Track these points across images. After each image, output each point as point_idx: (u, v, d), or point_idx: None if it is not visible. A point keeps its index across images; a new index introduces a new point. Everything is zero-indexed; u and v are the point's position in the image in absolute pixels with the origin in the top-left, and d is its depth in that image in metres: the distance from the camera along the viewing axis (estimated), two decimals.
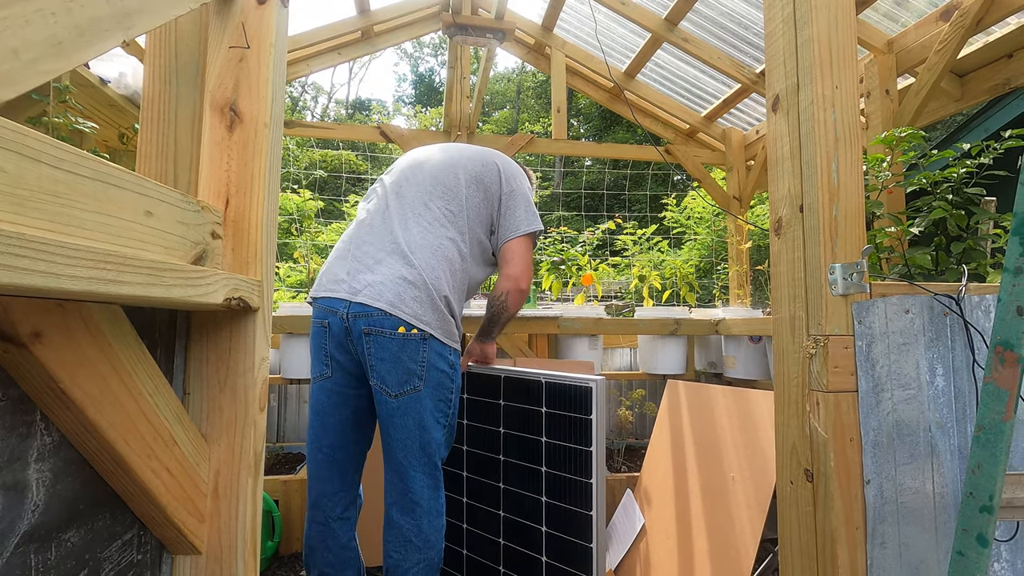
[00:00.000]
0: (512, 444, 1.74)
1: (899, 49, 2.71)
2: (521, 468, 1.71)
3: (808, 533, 1.06)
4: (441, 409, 1.51)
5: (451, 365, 1.52)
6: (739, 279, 3.86)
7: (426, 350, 1.45)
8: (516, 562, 1.73)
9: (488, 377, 1.81)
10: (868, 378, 1.03)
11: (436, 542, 1.51)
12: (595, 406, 1.50)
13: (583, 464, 1.54)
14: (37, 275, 0.43)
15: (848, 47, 1.09)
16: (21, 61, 0.49)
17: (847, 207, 1.05)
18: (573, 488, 1.57)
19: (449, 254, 1.53)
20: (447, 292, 1.50)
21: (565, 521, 1.59)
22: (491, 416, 1.80)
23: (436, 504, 1.52)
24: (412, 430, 1.46)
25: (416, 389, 1.44)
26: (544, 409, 1.64)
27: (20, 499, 0.54)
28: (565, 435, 1.59)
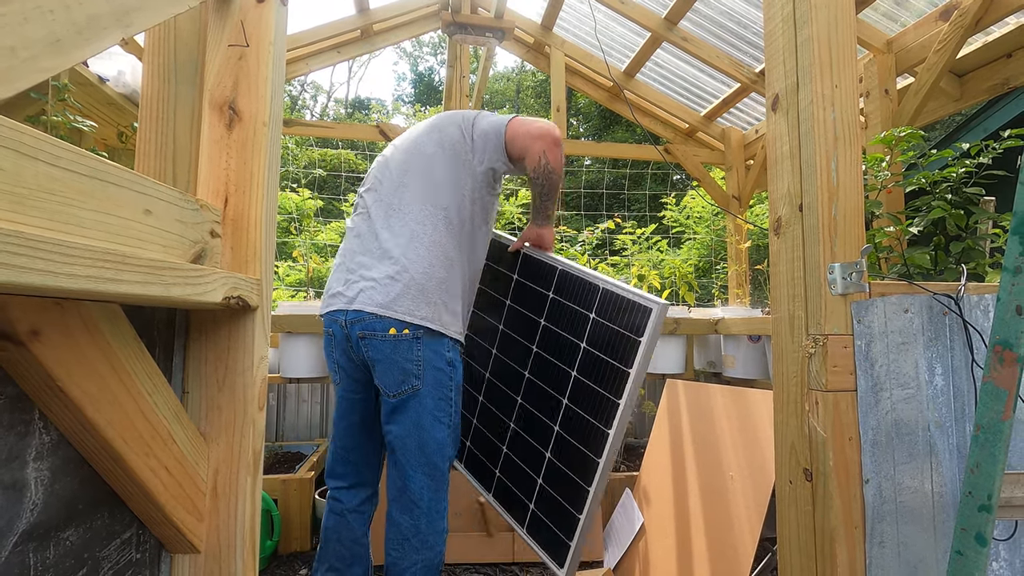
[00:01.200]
0: (549, 338, 1.61)
1: (898, 49, 2.71)
2: (550, 365, 1.59)
3: (807, 532, 1.06)
4: (442, 408, 1.49)
5: (449, 363, 1.51)
6: (738, 278, 3.86)
7: (420, 349, 1.45)
8: (523, 452, 1.64)
9: (542, 264, 1.68)
10: (867, 377, 1.03)
11: (435, 544, 1.50)
12: (649, 330, 1.33)
13: (616, 382, 1.39)
14: (35, 273, 0.43)
15: (848, 46, 1.09)
16: (19, 59, 0.49)
17: (846, 206, 1.05)
18: (598, 402, 1.43)
19: (436, 236, 1.50)
20: (442, 274, 1.49)
21: (580, 431, 1.47)
22: (535, 305, 1.67)
23: (436, 505, 1.50)
24: (410, 429, 1.46)
25: (415, 389, 1.45)
26: (592, 315, 1.49)
27: (19, 498, 0.54)
28: (607, 348, 1.44)
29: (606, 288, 1.46)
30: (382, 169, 1.66)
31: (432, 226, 1.51)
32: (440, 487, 1.51)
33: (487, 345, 1.84)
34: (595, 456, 1.40)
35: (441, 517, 1.51)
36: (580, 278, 1.54)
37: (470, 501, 2.37)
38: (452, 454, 1.55)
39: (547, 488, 1.53)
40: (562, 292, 1.59)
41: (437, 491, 1.50)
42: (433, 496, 1.50)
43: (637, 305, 1.37)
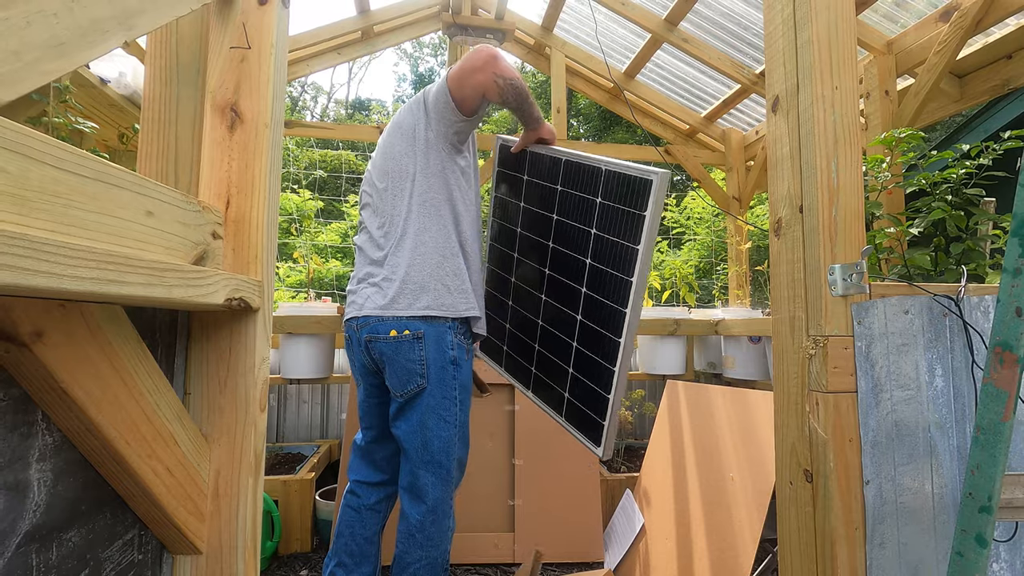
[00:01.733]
0: (562, 231, 1.59)
1: (898, 50, 2.71)
2: (566, 257, 1.57)
3: (807, 533, 1.06)
4: (446, 407, 1.50)
5: (453, 361, 1.51)
6: (739, 279, 3.86)
7: (421, 348, 1.47)
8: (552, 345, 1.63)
9: (547, 159, 1.64)
10: (867, 379, 1.03)
11: (440, 542, 1.51)
12: (651, 203, 1.28)
13: (627, 262, 1.37)
14: (40, 276, 0.43)
15: (848, 48, 1.09)
16: (22, 62, 0.49)
17: (847, 208, 1.05)
18: (613, 285, 1.42)
19: (422, 227, 1.52)
20: (435, 259, 1.50)
21: (600, 315, 1.46)
22: (546, 201, 1.65)
23: (443, 504, 1.51)
24: (415, 428, 1.49)
25: (420, 388, 1.47)
26: (599, 200, 1.45)
27: (22, 499, 0.54)
28: (616, 229, 1.41)
29: (608, 169, 1.41)
30: (367, 182, 1.71)
31: (417, 219, 1.52)
32: (446, 485, 1.52)
33: (509, 251, 1.82)
34: (615, 336, 1.38)
35: (446, 516, 1.52)
36: (583, 164, 1.50)
37: (502, 502, 2.38)
38: (459, 454, 1.55)
39: (578, 375, 1.52)
40: (569, 182, 1.56)
41: (443, 489, 1.51)
42: (440, 494, 1.51)
43: (637, 180, 1.32)
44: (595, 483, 2.46)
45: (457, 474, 1.56)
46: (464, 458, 1.58)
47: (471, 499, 2.40)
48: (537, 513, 2.39)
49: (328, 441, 3.10)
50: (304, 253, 3.82)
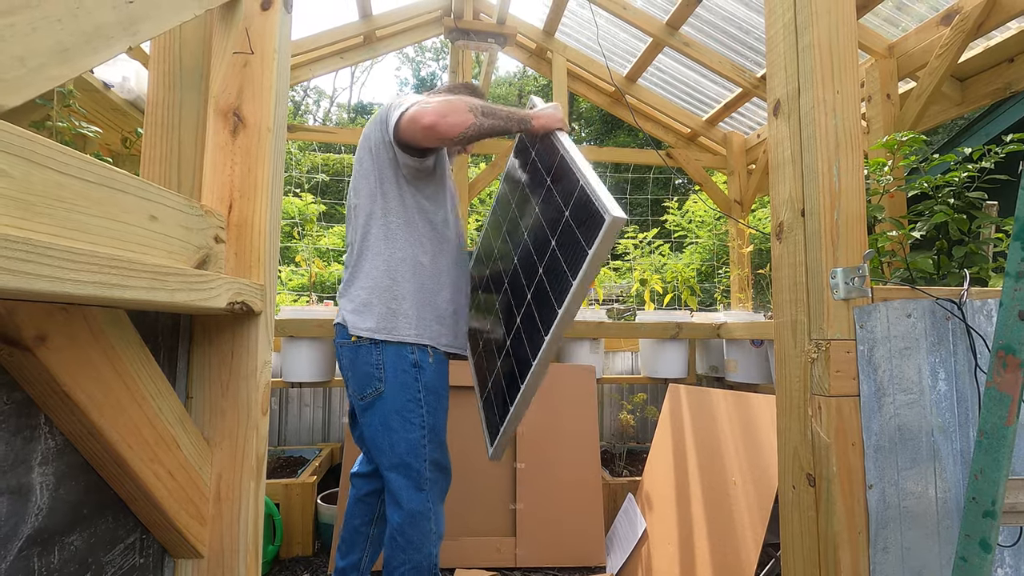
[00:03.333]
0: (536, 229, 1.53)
1: (900, 53, 2.71)
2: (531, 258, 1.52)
3: (810, 538, 1.05)
4: (410, 409, 1.49)
5: (414, 364, 1.50)
6: (741, 283, 3.86)
7: (379, 353, 1.48)
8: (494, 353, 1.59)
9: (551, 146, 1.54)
10: (870, 382, 1.03)
11: (422, 546, 1.49)
12: (598, 241, 1.16)
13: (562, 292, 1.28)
14: (43, 280, 0.43)
15: (849, 52, 1.09)
16: (28, 68, 0.49)
17: (848, 211, 1.05)
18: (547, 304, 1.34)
19: (378, 246, 1.53)
20: (385, 282, 1.51)
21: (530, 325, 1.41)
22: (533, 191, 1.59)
23: (420, 507, 1.50)
24: (379, 431, 1.49)
25: (378, 392, 1.49)
26: (566, 214, 1.37)
27: (24, 503, 0.54)
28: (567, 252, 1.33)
29: (583, 184, 1.31)
30: (347, 201, 1.74)
31: (373, 241, 1.54)
32: (420, 489, 1.51)
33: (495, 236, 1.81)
34: (531, 356, 1.34)
35: (426, 519, 1.50)
36: (571, 169, 1.38)
37: (504, 507, 2.38)
38: (433, 456, 1.53)
39: (500, 376, 1.51)
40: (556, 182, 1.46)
41: (418, 491, 1.50)
42: (414, 497, 1.50)
43: (595, 210, 1.20)
44: (597, 487, 2.46)
45: (436, 476, 1.55)
46: (441, 460, 1.56)
47: (472, 503, 2.40)
48: (539, 517, 2.38)
49: (330, 444, 3.09)
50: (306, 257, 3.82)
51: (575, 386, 2.63)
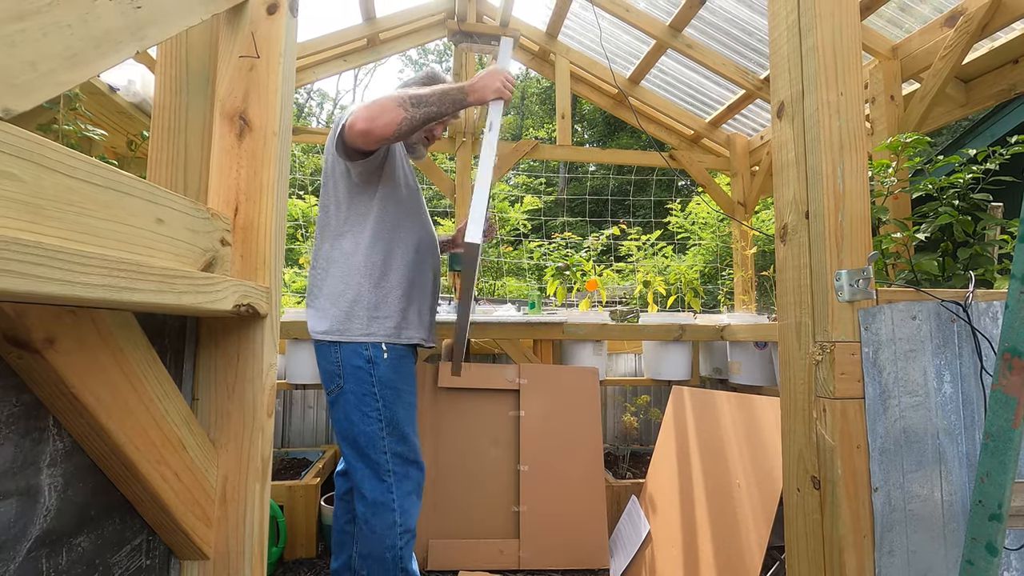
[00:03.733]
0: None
1: (904, 55, 2.71)
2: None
3: (815, 541, 1.05)
4: (367, 403, 1.55)
5: (368, 360, 1.55)
6: (744, 285, 3.85)
7: (337, 350, 1.55)
8: None
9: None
10: (875, 385, 1.03)
11: (384, 536, 1.52)
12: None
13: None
14: (54, 283, 0.43)
15: (853, 54, 1.09)
16: (38, 72, 0.50)
17: (853, 213, 1.05)
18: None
19: (328, 252, 1.61)
20: (338, 287, 1.57)
21: None
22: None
23: (382, 497, 1.53)
24: (343, 424, 1.56)
25: (339, 387, 1.56)
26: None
27: (32, 504, 0.55)
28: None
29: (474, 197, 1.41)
30: None
31: (327, 245, 1.62)
32: (381, 479, 1.54)
33: None
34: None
35: (388, 510, 1.53)
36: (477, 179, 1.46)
37: (507, 508, 2.38)
38: (394, 448, 1.56)
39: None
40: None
41: (380, 481, 1.54)
42: (376, 487, 1.54)
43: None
44: (600, 489, 2.46)
45: (401, 468, 1.56)
46: (406, 453, 1.58)
47: (475, 505, 2.40)
48: (542, 519, 2.38)
49: (333, 446, 3.10)
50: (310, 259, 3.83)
51: (578, 388, 2.62)
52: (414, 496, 1.59)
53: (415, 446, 1.62)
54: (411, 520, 1.56)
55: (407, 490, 1.57)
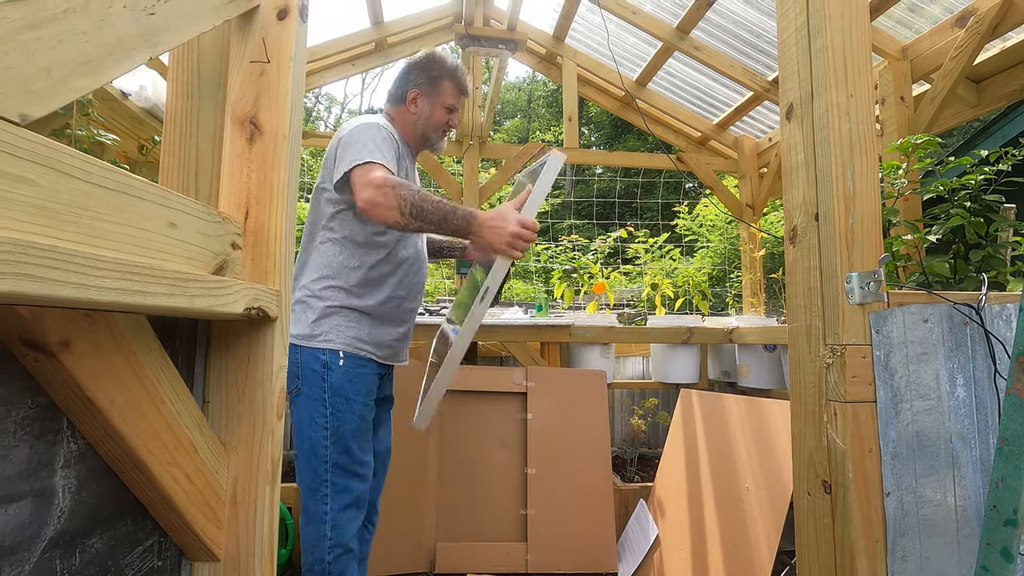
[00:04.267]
0: None
1: (914, 55, 2.69)
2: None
3: (826, 545, 1.04)
4: (316, 408, 1.51)
5: (323, 364, 1.52)
6: (752, 287, 3.83)
7: (298, 353, 1.54)
8: None
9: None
10: (887, 388, 1.02)
11: (314, 549, 1.48)
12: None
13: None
14: (69, 287, 0.44)
15: (863, 55, 1.08)
16: (54, 79, 0.50)
17: (863, 215, 1.04)
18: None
19: (311, 260, 1.61)
20: (308, 296, 1.58)
21: None
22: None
23: (315, 508, 1.49)
24: (296, 427, 1.55)
25: (297, 389, 1.54)
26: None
27: (47, 505, 0.55)
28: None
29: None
30: None
31: (305, 252, 1.64)
32: (316, 490, 1.50)
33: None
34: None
35: (319, 522, 1.48)
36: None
37: (514, 512, 2.38)
38: (336, 459, 1.51)
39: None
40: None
41: (315, 493, 1.50)
42: (311, 498, 1.50)
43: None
44: (608, 493, 2.45)
45: (340, 480, 1.51)
46: (346, 464, 1.52)
47: (482, 508, 2.39)
48: (550, 523, 2.38)
49: None
50: None
51: (586, 391, 2.62)
52: (352, 509, 1.52)
53: (359, 459, 1.55)
54: (344, 535, 1.49)
55: (343, 503, 1.50)
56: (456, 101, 1.73)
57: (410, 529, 2.33)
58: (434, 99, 1.70)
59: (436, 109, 1.70)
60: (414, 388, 2.46)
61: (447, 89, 1.70)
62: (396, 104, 1.73)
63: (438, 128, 1.72)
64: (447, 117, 1.72)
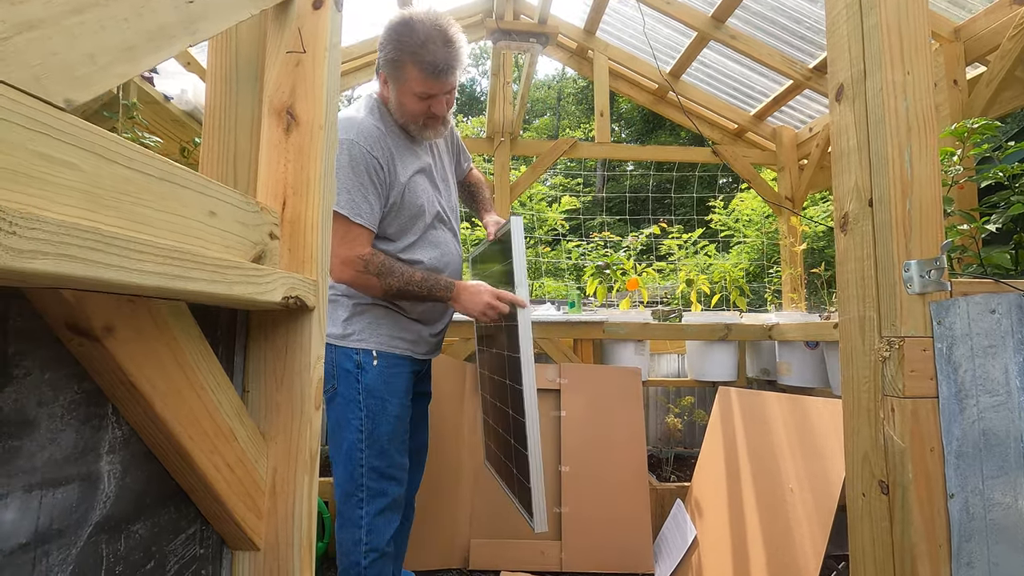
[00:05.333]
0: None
1: (967, 37, 2.55)
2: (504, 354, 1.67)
3: (883, 549, 0.98)
4: (351, 410, 1.48)
5: (357, 365, 1.49)
6: (793, 282, 3.71)
7: (332, 351, 1.51)
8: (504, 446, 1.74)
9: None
10: (950, 383, 0.95)
11: (349, 552, 1.46)
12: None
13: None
14: (111, 269, 0.44)
15: (919, 31, 1.02)
16: (97, 65, 0.50)
17: (922, 200, 0.98)
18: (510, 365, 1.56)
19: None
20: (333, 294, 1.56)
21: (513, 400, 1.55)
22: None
23: (351, 513, 1.47)
24: (331, 427, 1.53)
25: (333, 389, 1.52)
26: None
27: (93, 490, 0.55)
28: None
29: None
30: None
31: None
32: (354, 494, 1.47)
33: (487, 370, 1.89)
34: (521, 417, 1.47)
35: (354, 526, 1.46)
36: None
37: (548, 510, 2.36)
38: (372, 462, 1.48)
39: (516, 468, 1.60)
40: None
41: (349, 497, 1.47)
42: (344, 501, 1.48)
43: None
44: (644, 492, 2.40)
45: (377, 485, 1.48)
46: (382, 467, 1.49)
47: None
48: (584, 521, 2.34)
49: None
50: None
51: (620, 388, 2.57)
52: (388, 513, 1.49)
53: (395, 461, 1.52)
54: (380, 539, 1.47)
55: (379, 507, 1.48)
56: (427, 87, 1.39)
57: (444, 525, 2.33)
58: (400, 85, 1.42)
59: (405, 97, 1.43)
60: (447, 383, 2.46)
61: (412, 75, 1.38)
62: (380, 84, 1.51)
63: (415, 118, 1.46)
64: (421, 105, 1.43)
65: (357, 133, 1.41)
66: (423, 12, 1.38)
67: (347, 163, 1.39)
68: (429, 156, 1.62)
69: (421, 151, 1.58)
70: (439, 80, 1.38)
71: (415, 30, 1.36)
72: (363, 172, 1.40)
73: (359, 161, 1.40)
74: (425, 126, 1.50)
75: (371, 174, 1.41)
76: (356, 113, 1.48)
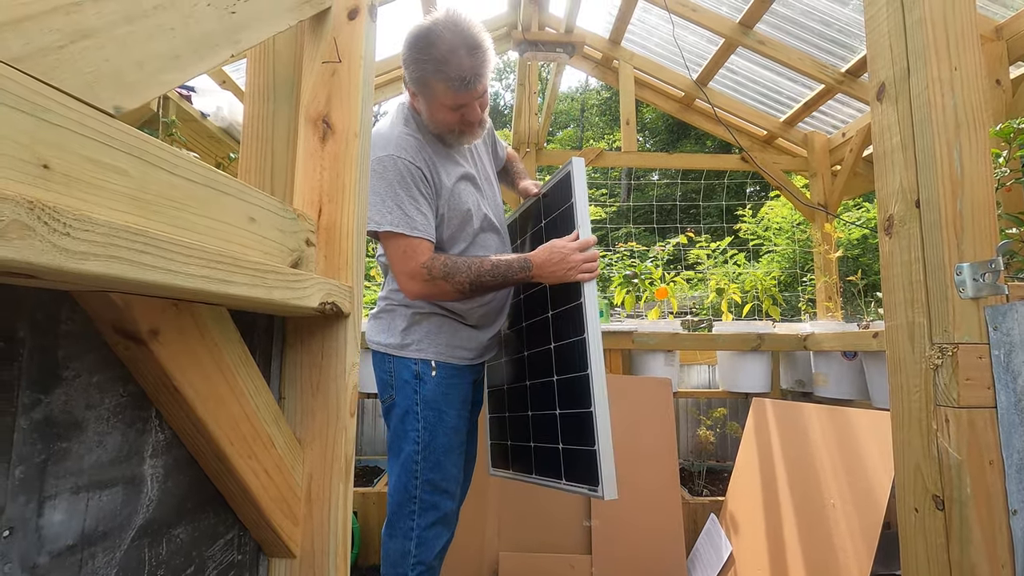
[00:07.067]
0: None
1: (1010, 35, 2.46)
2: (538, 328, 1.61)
3: (939, 567, 0.93)
4: (409, 421, 1.45)
5: (416, 375, 1.47)
6: (828, 291, 3.60)
7: (391, 361, 1.51)
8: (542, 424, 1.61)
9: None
10: (1008, 392, 0.90)
11: (397, 564, 1.42)
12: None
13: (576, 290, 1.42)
14: (158, 271, 0.44)
15: (967, 24, 0.98)
16: (145, 72, 0.52)
17: (974, 199, 0.94)
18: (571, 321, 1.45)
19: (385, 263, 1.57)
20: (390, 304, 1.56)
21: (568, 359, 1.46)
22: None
23: (402, 524, 1.44)
24: (390, 436, 1.50)
25: (391, 399, 1.50)
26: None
27: (136, 493, 0.56)
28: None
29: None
30: None
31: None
32: (404, 504, 1.45)
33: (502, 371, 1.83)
34: (583, 371, 1.38)
35: (404, 538, 1.43)
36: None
37: (578, 522, 2.32)
38: (427, 475, 1.45)
39: (568, 434, 1.47)
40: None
41: (400, 508, 1.45)
42: (397, 511, 1.45)
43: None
44: (676, 505, 2.34)
45: (430, 498, 1.45)
46: (437, 480, 1.46)
47: (545, 518, 2.34)
48: (615, 535, 2.29)
49: None
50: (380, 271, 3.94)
51: (650, 399, 2.52)
52: (439, 527, 1.47)
53: (450, 474, 1.49)
54: (428, 553, 1.44)
55: (430, 521, 1.45)
56: (457, 99, 1.38)
57: (472, 537, 2.30)
58: (430, 101, 1.42)
59: (436, 111, 1.43)
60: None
61: (440, 90, 1.37)
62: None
63: (448, 129, 1.46)
64: (454, 116, 1.42)
65: (396, 147, 1.41)
66: (443, 19, 1.35)
67: (394, 179, 1.38)
68: (469, 161, 1.61)
69: (460, 156, 1.57)
70: (468, 91, 1.37)
71: (435, 44, 1.33)
72: (411, 185, 1.39)
73: (405, 174, 1.39)
74: (462, 132, 1.48)
75: (418, 185, 1.41)
76: (390, 129, 1.47)
